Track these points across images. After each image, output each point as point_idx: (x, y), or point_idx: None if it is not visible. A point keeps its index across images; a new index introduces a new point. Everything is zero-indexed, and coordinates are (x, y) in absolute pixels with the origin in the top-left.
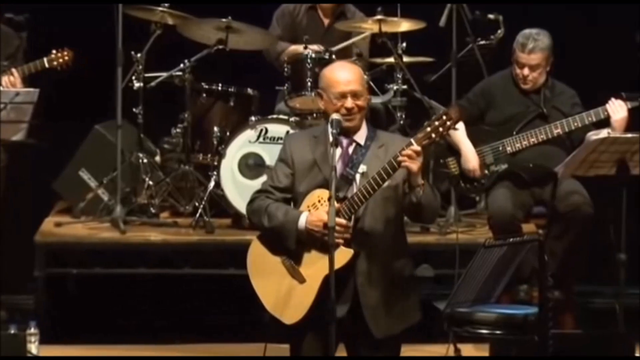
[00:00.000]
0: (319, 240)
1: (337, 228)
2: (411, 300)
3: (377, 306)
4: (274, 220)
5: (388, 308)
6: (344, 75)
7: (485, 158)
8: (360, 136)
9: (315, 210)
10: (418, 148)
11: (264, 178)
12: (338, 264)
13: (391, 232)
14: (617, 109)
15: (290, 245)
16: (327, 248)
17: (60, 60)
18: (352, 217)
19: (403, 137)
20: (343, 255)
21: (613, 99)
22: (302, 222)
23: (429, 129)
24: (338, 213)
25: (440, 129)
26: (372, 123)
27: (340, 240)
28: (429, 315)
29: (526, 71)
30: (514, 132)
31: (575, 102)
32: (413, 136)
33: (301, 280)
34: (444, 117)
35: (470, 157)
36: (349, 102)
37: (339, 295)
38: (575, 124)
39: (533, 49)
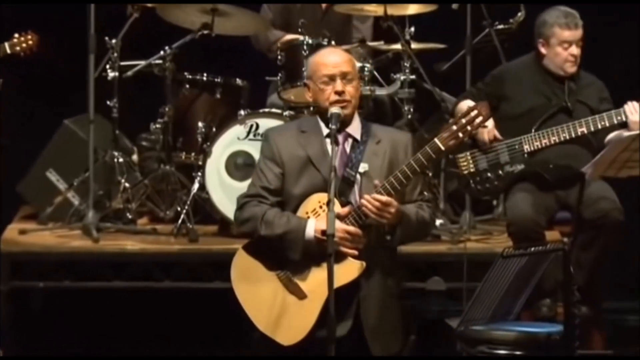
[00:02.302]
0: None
1: (345, 236)
2: (405, 317)
3: (376, 324)
4: (275, 229)
5: (387, 326)
6: (330, 58)
7: (500, 157)
8: (355, 130)
9: (317, 216)
10: (383, 198)
11: None
12: (347, 278)
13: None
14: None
15: (294, 256)
16: (337, 259)
17: (24, 45)
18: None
19: (399, 130)
20: (353, 269)
21: (633, 103)
22: (310, 230)
23: (454, 127)
24: (345, 219)
25: (469, 127)
26: (376, 117)
27: (354, 252)
28: (440, 334)
29: (575, 49)
30: (533, 129)
31: (603, 96)
32: (437, 136)
33: (301, 296)
34: (473, 114)
35: None
36: (339, 85)
37: (341, 313)
38: (602, 123)
39: (577, 23)
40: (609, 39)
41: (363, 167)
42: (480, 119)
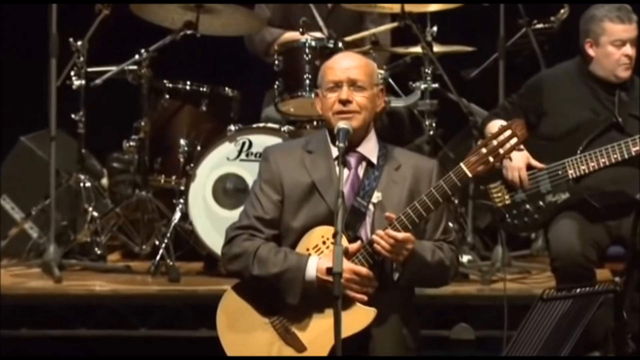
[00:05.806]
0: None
1: (353, 277)
2: None
3: None
4: (270, 268)
5: None
6: (342, 62)
7: (540, 185)
8: (370, 151)
9: (319, 253)
10: (400, 236)
11: None
12: (354, 329)
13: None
14: None
15: (292, 300)
16: (343, 305)
17: None
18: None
19: (423, 157)
20: (362, 317)
21: None
22: (312, 269)
23: (484, 150)
24: (353, 258)
25: (501, 150)
26: (393, 132)
27: (364, 297)
28: None
29: (629, 49)
30: (579, 150)
31: None
32: (463, 160)
33: (300, 348)
34: (506, 134)
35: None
36: (344, 93)
37: None
38: None
39: (631, 18)
40: None
41: (377, 196)
42: (514, 140)
